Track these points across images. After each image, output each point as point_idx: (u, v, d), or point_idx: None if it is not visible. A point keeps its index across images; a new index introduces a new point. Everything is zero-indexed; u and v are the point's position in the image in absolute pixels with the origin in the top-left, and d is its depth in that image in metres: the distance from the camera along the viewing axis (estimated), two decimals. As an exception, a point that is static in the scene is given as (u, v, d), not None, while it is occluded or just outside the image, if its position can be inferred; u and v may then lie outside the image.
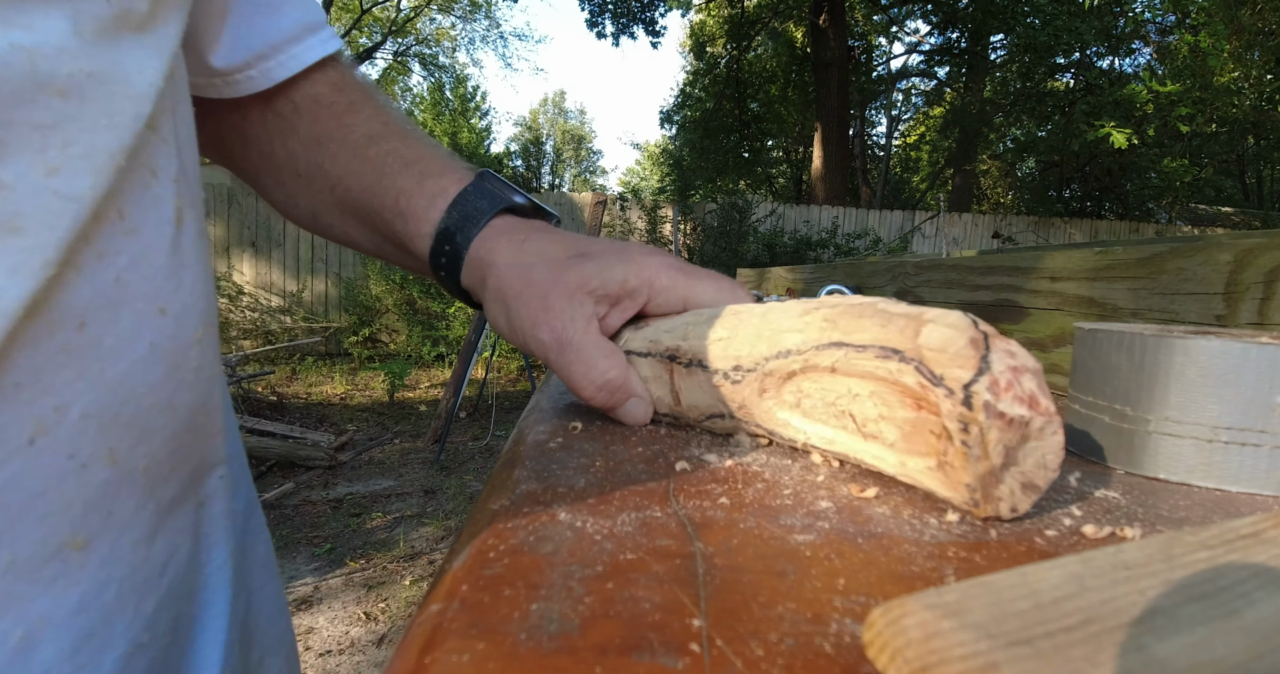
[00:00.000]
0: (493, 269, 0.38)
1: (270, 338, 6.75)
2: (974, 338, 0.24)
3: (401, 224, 0.41)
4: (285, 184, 0.46)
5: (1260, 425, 0.30)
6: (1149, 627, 0.12)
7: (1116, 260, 0.57)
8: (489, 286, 0.38)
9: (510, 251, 0.38)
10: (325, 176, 0.43)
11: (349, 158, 0.42)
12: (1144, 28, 10.21)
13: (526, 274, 0.37)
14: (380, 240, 0.45)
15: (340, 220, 0.45)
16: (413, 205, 0.41)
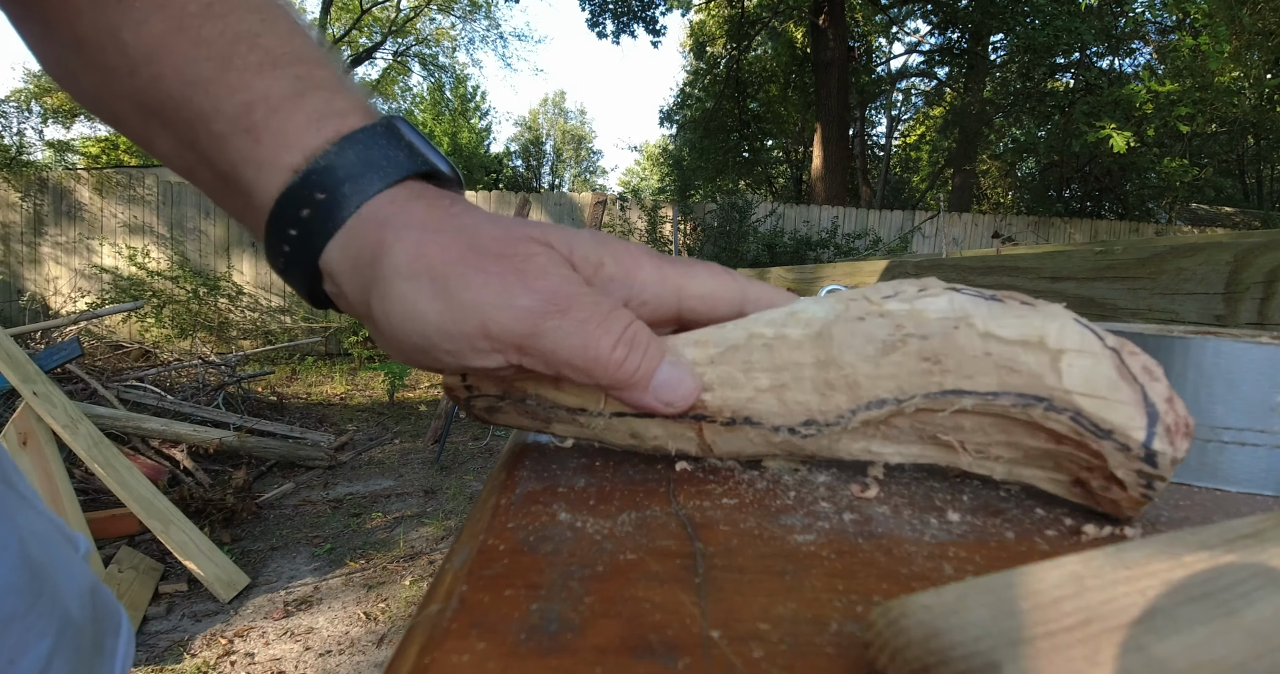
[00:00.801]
0: (405, 231, 0.25)
1: (270, 338, 6.75)
2: (1118, 366, 0.23)
3: (245, 144, 0.27)
4: (58, 45, 0.30)
5: (1260, 425, 0.30)
6: (1149, 627, 0.12)
7: (1116, 260, 0.57)
8: (393, 256, 0.25)
9: (433, 215, 0.26)
10: (122, 53, 0.28)
11: (166, 30, 0.27)
12: (1144, 28, 10.21)
13: (465, 235, 0.26)
14: (196, 162, 0.30)
15: (138, 120, 0.30)
16: (276, 122, 0.27)
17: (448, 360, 0.26)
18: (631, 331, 0.25)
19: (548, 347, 0.24)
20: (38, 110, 14.96)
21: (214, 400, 4.03)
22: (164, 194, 6.76)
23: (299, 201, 0.26)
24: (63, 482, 2.07)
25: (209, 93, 0.27)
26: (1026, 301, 0.25)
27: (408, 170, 0.27)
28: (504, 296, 0.24)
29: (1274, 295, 0.45)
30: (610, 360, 0.24)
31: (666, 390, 0.25)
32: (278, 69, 0.28)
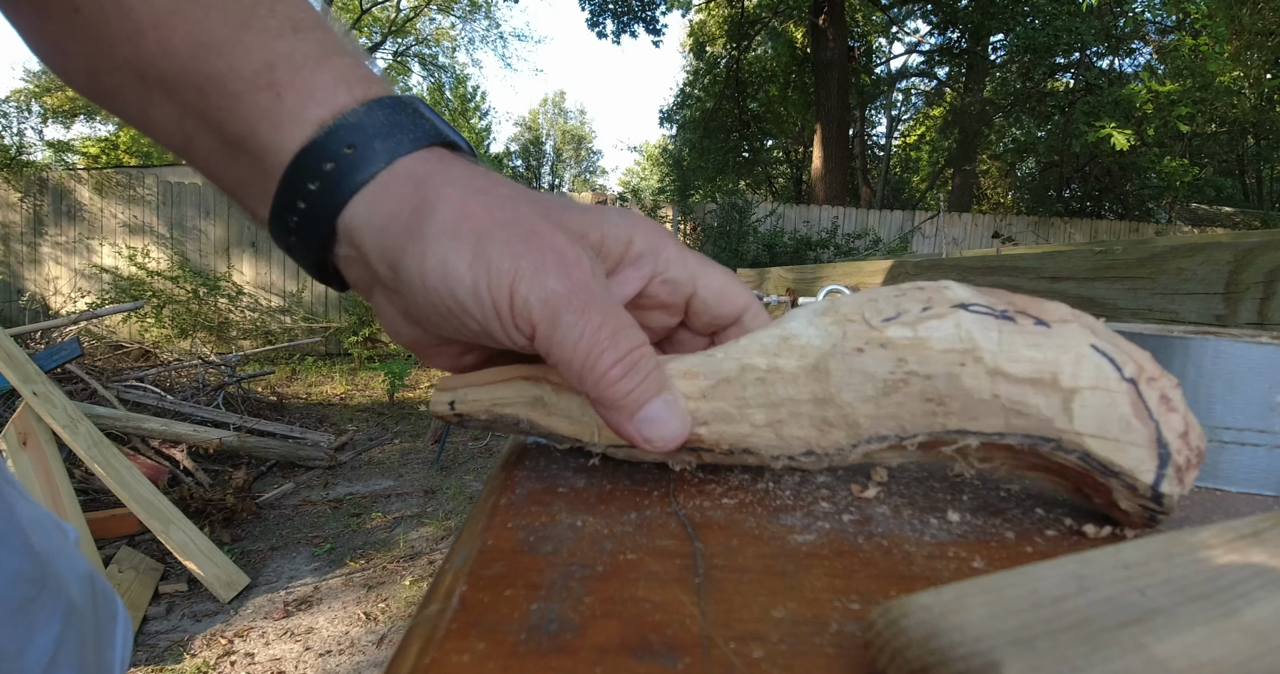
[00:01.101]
0: (447, 189, 0.25)
1: (270, 338, 6.75)
2: (1134, 402, 0.22)
3: (266, 100, 0.25)
4: (51, 18, 0.28)
5: (1260, 425, 0.30)
6: (1149, 627, 0.12)
7: (1116, 260, 0.57)
8: (436, 215, 0.24)
9: (474, 178, 0.26)
10: (125, 18, 0.26)
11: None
12: (1144, 28, 10.21)
13: (509, 205, 0.25)
14: (198, 129, 0.28)
15: (137, 92, 0.28)
16: (301, 78, 0.26)
17: (472, 327, 0.25)
18: (637, 355, 0.24)
19: (556, 337, 0.24)
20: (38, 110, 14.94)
21: (214, 400, 4.03)
22: (164, 194, 6.76)
23: (323, 155, 0.25)
24: (63, 482, 2.07)
25: (224, 52, 0.25)
26: (1040, 320, 0.23)
27: (434, 138, 0.27)
28: (538, 273, 0.24)
29: (1274, 295, 0.45)
30: (605, 375, 0.24)
31: (650, 426, 0.24)
32: (299, 33, 0.26)
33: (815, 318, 0.25)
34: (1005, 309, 0.24)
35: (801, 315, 0.26)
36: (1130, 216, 9.92)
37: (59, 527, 0.42)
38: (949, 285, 0.25)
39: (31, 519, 0.38)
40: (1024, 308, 0.24)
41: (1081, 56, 10.20)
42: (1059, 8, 8.60)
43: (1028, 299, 0.24)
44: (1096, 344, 0.23)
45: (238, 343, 6.59)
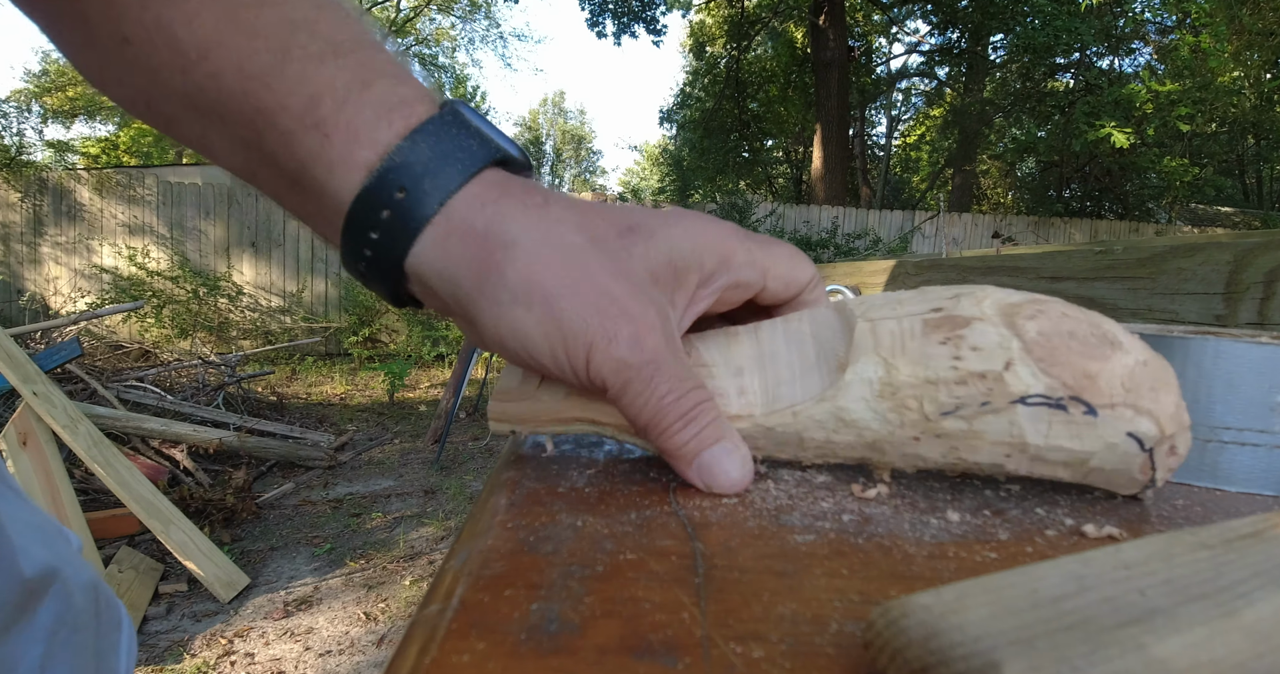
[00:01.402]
0: (513, 249, 0.25)
1: (270, 338, 6.75)
2: (1143, 466, 0.26)
3: (314, 140, 0.26)
4: (100, 49, 0.28)
5: (1260, 425, 0.30)
6: (1149, 627, 0.12)
7: (1116, 260, 0.57)
8: (505, 277, 0.25)
9: (533, 221, 0.26)
10: (173, 50, 0.26)
11: (218, 23, 0.26)
12: (1144, 28, 10.21)
13: (578, 261, 0.25)
14: (259, 162, 0.28)
15: (194, 120, 0.28)
16: (345, 115, 0.25)
17: (545, 372, 0.27)
18: (696, 411, 0.26)
19: (625, 398, 0.26)
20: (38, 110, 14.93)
21: (214, 400, 4.03)
22: (164, 194, 6.76)
23: (378, 203, 0.25)
24: (63, 482, 2.07)
25: (271, 86, 0.26)
26: (1091, 408, 0.25)
27: (483, 160, 0.26)
28: (611, 344, 0.25)
29: (1274, 295, 0.45)
30: (668, 430, 0.26)
31: (708, 473, 0.26)
32: (339, 57, 0.26)
33: (875, 401, 0.26)
34: (1061, 398, 0.25)
35: (856, 392, 0.27)
36: (1130, 216, 9.92)
37: (61, 534, 0.42)
38: (995, 300, 0.27)
39: (34, 526, 0.38)
40: (1080, 389, 0.25)
41: (1081, 56, 10.20)
42: (1059, 8, 8.60)
43: (1089, 342, 0.25)
44: (1132, 430, 0.25)
45: (238, 343, 6.59)
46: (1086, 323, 0.26)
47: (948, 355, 0.26)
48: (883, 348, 0.27)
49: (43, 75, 16.71)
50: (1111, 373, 0.25)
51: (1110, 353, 0.25)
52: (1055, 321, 0.26)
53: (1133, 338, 0.26)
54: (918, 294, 0.29)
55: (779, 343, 0.30)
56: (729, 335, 0.31)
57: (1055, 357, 0.25)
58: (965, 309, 0.26)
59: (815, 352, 0.29)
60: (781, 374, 0.29)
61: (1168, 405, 0.25)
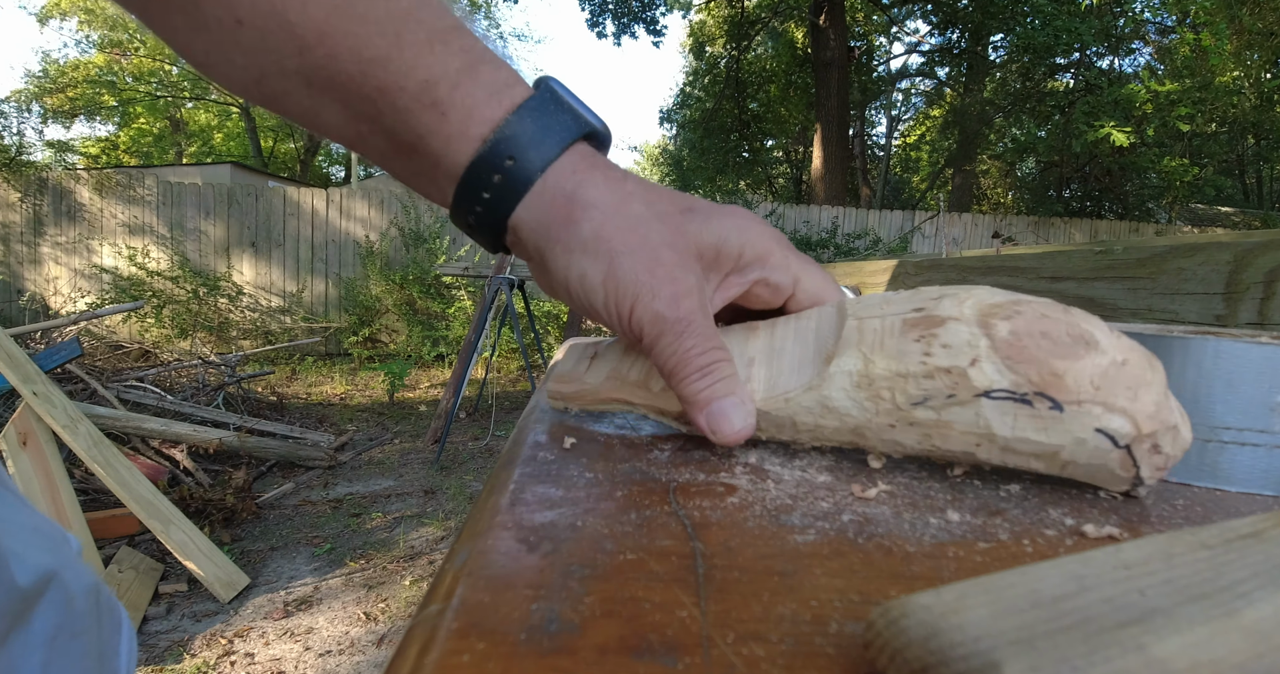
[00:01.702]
0: (591, 210, 0.30)
1: (270, 338, 6.75)
2: (1123, 460, 0.26)
3: (432, 117, 0.30)
4: (210, 32, 0.30)
5: (1260, 425, 0.30)
6: (1149, 627, 0.12)
7: (1116, 260, 0.57)
8: (580, 231, 0.30)
9: (611, 191, 0.30)
10: (288, 33, 0.29)
11: (333, 12, 0.29)
12: (1144, 28, 10.21)
13: (640, 228, 0.30)
14: (370, 132, 0.32)
15: (307, 96, 0.31)
16: (459, 96, 0.29)
17: (595, 318, 0.31)
18: (714, 365, 0.30)
19: (657, 347, 0.30)
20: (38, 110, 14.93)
21: (214, 400, 4.03)
22: (164, 194, 6.76)
23: (490, 168, 0.30)
24: (63, 482, 2.07)
25: (389, 69, 0.29)
26: (1056, 403, 0.26)
27: (575, 134, 0.31)
28: (653, 299, 0.29)
29: (1274, 295, 0.45)
30: (686, 379, 0.30)
31: (715, 419, 0.29)
32: (445, 44, 0.30)
33: (853, 391, 0.29)
34: (1026, 393, 0.26)
35: (838, 382, 0.30)
36: (1130, 216, 9.92)
37: (61, 537, 0.42)
38: (977, 301, 0.28)
39: (32, 529, 0.38)
40: (1045, 385, 0.26)
41: (1081, 56, 10.20)
42: (1059, 8, 8.60)
43: (1061, 342, 0.26)
44: (1101, 427, 0.25)
45: (238, 343, 6.59)
46: (1065, 323, 0.26)
47: (919, 351, 0.28)
48: (865, 343, 0.29)
49: (43, 75, 16.70)
50: (1080, 371, 0.25)
51: (1083, 353, 0.26)
52: (1030, 322, 0.26)
53: (1117, 339, 0.27)
54: (911, 295, 0.30)
55: (789, 339, 0.33)
56: (749, 329, 0.35)
57: (1022, 355, 0.26)
58: (945, 309, 0.28)
59: (815, 346, 0.32)
60: (784, 366, 0.32)
61: (1146, 404, 0.25)
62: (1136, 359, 0.26)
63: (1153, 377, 0.26)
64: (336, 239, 6.97)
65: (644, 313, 0.29)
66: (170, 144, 19.64)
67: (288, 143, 19.95)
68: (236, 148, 19.89)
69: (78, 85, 16.12)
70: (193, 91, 17.80)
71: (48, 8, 16.64)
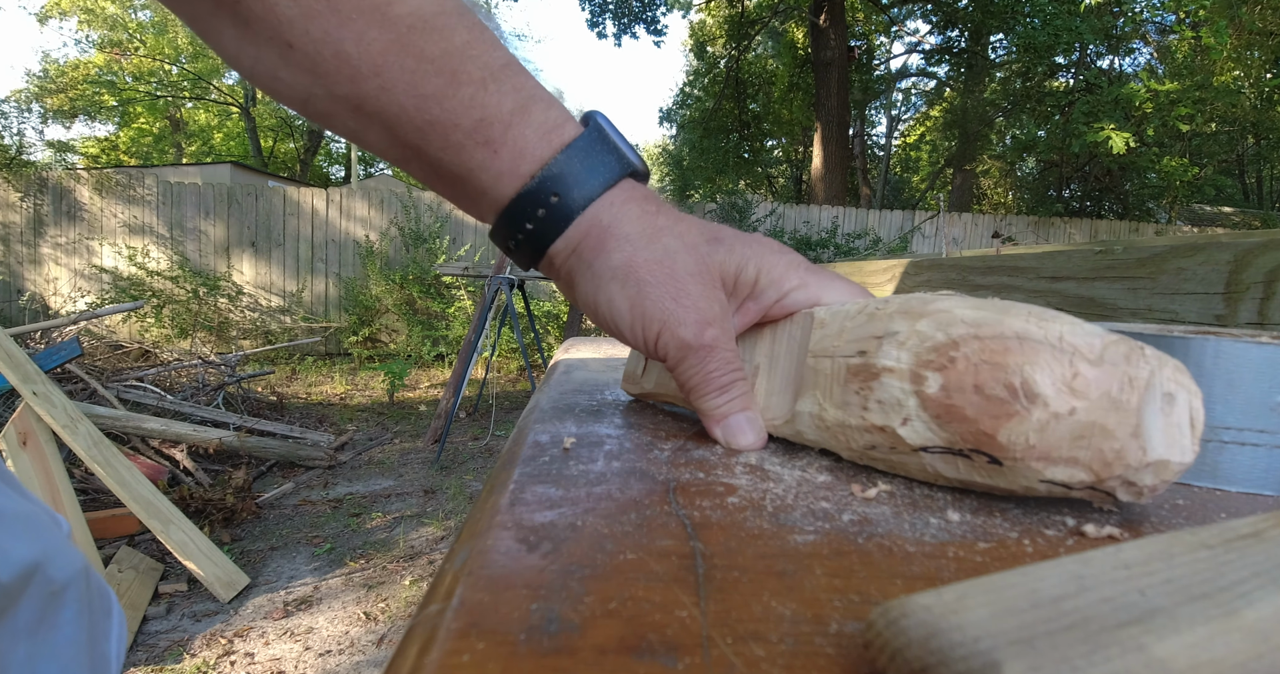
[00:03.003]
0: (624, 242, 0.32)
1: (270, 338, 6.75)
2: None
3: (484, 154, 0.31)
4: (260, 48, 0.30)
5: (1260, 425, 0.30)
6: (1149, 627, 0.12)
7: (1116, 260, 0.57)
8: (611, 260, 0.32)
9: (643, 225, 0.32)
10: (342, 62, 0.29)
11: (389, 45, 0.29)
12: (1143, 27, 10.21)
13: (668, 261, 0.32)
14: (414, 157, 0.32)
15: (354, 119, 0.32)
16: (512, 136, 0.31)
17: (620, 337, 0.34)
18: (732, 385, 0.32)
19: (680, 369, 0.33)
20: (38, 110, 14.93)
21: (214, 400, 4.03)
22: (164, 194, 6.76)
23: (535, 203, 0.32)
24: (63, 482, 2.07)
25: (444, 107, 0.30)
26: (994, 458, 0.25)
27: (618, 174, 0.32)
28: (679, 327, 0.32)
29: (1274, 295, 0.45)
30: (707, 396, 0.33)
31: (729, 432, 0.32)
32: (499, 82, 0.31)
33: (817, 430, 0.31)
34: (962, 449, 0.25)
35: (805, 421, 0.31)
36: (1130, 216, 9.92)
37: (51, 521, 0.42)
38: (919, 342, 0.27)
39: (17, 516, 0.37)
40: (979, 444, 0.25)
41: (1081, 56, 10.19)
42: (1059, 7, 8.60)
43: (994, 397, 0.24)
44: (1046, 478, 0.24)
45: (238, 343, 6.59)
46: (1004, 372, 0.24)
47: (858, 405, 0.28)
48: (819, 388, 0.30)
49: (43, 75, 16.70)
50: (1013, 430, 0.24)
51: (1016, 409, 0.24)
52: (962, 374, 0.25)
53: (1076, 379, 0.24)
54: (868, 319, 0.29)
55: (781, 347, 0.34)
56: (757, 333, 0.36)
57: (951, 414, 0.25)
58: (883, 357, 0.27)
59: (795, 369, 0.33)
60: (775, 384, 0.34)
61: (1101, 452, 0.23)
62: (1092, 404, 0.23)
63: (1116, 419, 0.23)
64: (336, 239, 6.97)
65: (670, 339, 0.32)
66: (170, 144, 19.63)
67: (288, 143, 19.95)
68: (236, 147, 19.88)
69: (78, 85, 16.12)
70: (192, 91, 17.80)
71: (48, 7, 16.64)
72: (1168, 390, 0.24)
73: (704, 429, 0.36)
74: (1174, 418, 0.24)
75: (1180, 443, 0.24)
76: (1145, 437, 0.23)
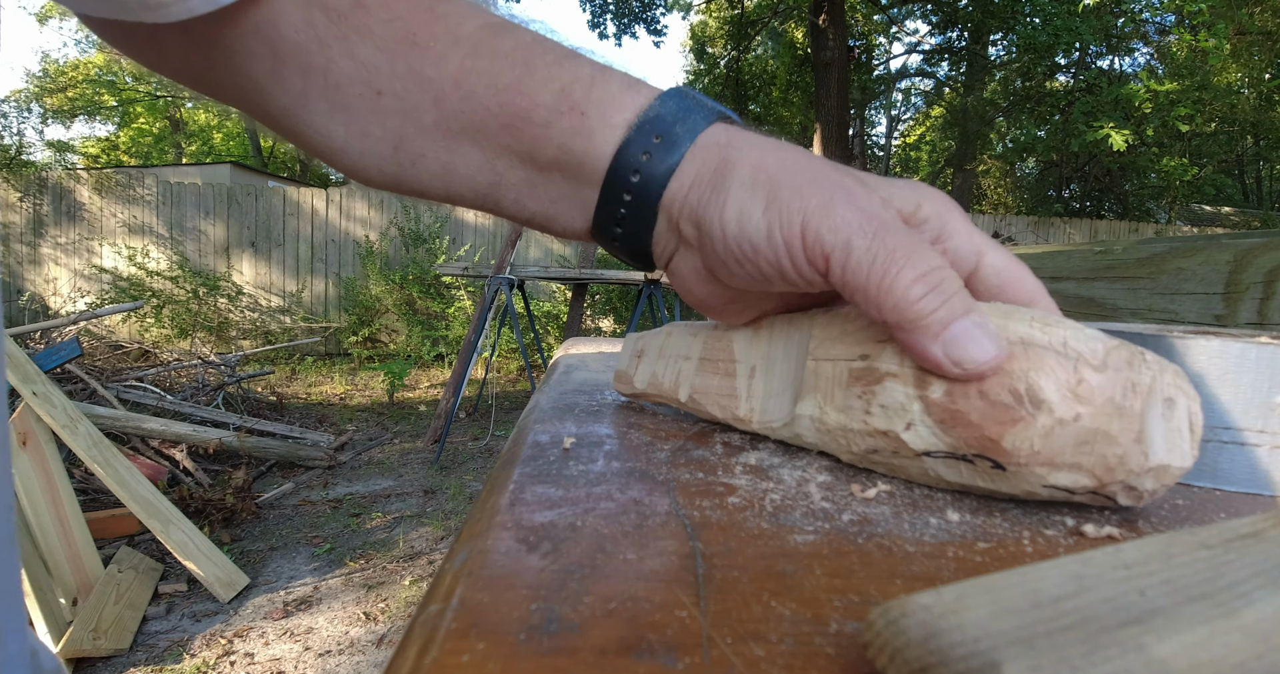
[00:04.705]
0: (748, 150, 0.28)
1: (270, 338, 6.75)
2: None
3: (572, 120, 0.30)
4: (351, 109, 0.32)
5: (1260, 425, 0.30)
6: (1149, 627, 0.12)
7: (1116, 260, 0.57)
8: (738, 172, 0.28)
9: (761, 140, 0.29)
10: (425, 88, 0.31)
11: (465, 55, 0.30)
12: (1143, 27, 10.21)
13: (801, 158, 0.28)
14: (508, 166, 0.32)
15: (443, 148, 0.32)
16: (595, 94, 0.30)
17: (766, 271, 0.28)
18: (939, 274, 0.24)
19: (852, 263, 0.25)
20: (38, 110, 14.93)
21: (214, 400, 4.03)
22: (164, 194, 6.76)
23: (638, 148, 0.29)
24: (63, 482, 2.07)
25: (523, 91, 0.30)
26: (997, 463, 0.25)
27: (717, 114, 0.30)
28: (827, 207, 0.26)
29: (1273, 295, 0.45)
30: (906, 293, 0.24)
31: (959, 347, 0.23)
32: (573, 60, 0.31)
33: (817, 434, 0.30)
34: (965, 454, 0.25)
35: (805, 424, 0.31)
36: (1130, 216, 9.92)
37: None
38: None
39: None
40: (983, 449, 0.25)
41: (1081, 56, 10.20)
42: (1059, 7, 8.60)
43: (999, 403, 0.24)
44: (1049, 483, 0.24)
45: (237, 343, 6.59)
46: (1009, 378, 0.24)
47: (861, 409, 0.28)
48: (820, 390, 0.30)
49: (43, 75, 16.71)
50: (1017, 436, 0.24)
51: (1021, 415, 0.24)
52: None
53: (1081, 385, 0.23)
54: (867, 324, 0.29)
55: (779, 349, 0.33)
56: (754, 331, 0.34)
57: (955, 419, 0.25)
58: (885, 362, 0.27)
59: (794, 371, 0.32)
60: (774, 385, 0.33)
61: (1104, 458, 0.23)
62: (1096, 410, 0.23)
63: (1120, 425, 0.23)
64: (336, 239, 6.97)
65: (820, 223, 0.25)
66: (170, 144, 19.63)
67: (287, 143, 19.91)
68: (236, 147, 19.88)
69: (78, 85, 16.12)
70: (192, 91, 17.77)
71: (48, 7, 16.64)
72: (1168, 396, 0.24)
73: (704, 430, 0.36)
74: (1174, 423, 0.24)
75: (1180, 447, 0.24)
76: (1147, 442, 0.23)
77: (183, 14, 0.29)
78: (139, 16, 0.30)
